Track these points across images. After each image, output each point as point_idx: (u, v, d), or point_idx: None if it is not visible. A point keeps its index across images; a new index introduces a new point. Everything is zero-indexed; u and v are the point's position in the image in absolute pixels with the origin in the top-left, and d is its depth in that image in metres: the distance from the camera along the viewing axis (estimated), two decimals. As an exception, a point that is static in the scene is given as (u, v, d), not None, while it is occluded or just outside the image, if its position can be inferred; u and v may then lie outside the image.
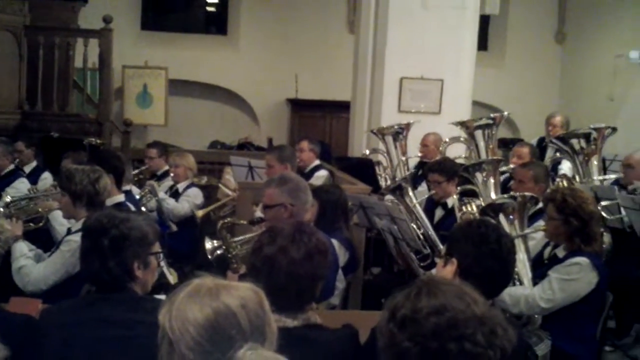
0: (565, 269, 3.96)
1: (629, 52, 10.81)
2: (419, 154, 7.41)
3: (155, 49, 12.34)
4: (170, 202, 6.69)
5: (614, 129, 6.48)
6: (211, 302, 1.72)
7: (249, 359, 1.53)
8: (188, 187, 6.92)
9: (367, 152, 8.10)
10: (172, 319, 1.70)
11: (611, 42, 11.78)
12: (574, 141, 6.36)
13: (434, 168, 5.76)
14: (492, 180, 5.25)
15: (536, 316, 3.99)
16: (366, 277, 6.06)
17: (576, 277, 3.91)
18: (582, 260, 3.94)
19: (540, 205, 4.93)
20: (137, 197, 6.38)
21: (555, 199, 4.12)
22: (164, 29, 13.10)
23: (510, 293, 3.94)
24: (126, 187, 5.32)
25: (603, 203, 5.37)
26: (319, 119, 12.75)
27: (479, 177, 5.00)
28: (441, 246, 4.77)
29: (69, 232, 4.10)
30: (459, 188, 5.48)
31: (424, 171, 6.65)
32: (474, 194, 5.54)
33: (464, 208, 4.99)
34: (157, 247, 2.74)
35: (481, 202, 5.13)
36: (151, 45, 12.50)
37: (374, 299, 5.14)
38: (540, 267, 4.22)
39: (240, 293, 1.76)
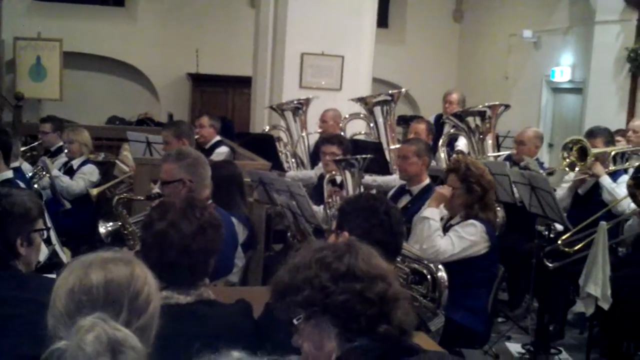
0: (462, 229, 4.15)
1: (522, 32, 11.13)
2: (319, 130, 7.43)
3: (48, 20, 11.89)
4: (64, 180, 6.49)
5: (507, 106, 6.67)
6: (79, 273, 1.71)
7: (89, 324, 1.50)
8: (83, 163, 6.73)
9: (267, 128, 8.08)
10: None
11: (506, 21, 12.11)
12: (470, 119, 6.51)
13: (333, 140, 5.79)
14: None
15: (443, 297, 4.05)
16: (267, 253, 6.04)
17: (472, 237, 4.11)
18: (477, 223, 4.14)
19: (426, 182, 5.08)
20: (30, 174, 6.16)
21: (458, 169, 4.28)
22: (58, -1, 12.64)
23: (430, 233, 4.12)
24: (15, 164, 5.13)
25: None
26: (221, 94, 12.61)
27: (348, 173, 5.07)
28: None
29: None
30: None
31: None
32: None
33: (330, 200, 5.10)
34: (41, 224, 2.65)
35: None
36: (44, 16, 12.03)
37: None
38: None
39: (112, 268, 1.73)
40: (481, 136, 6.48)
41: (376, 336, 1.81)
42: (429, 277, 3.73)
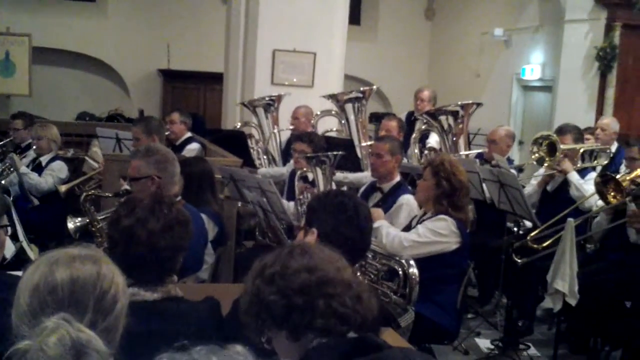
0: (432, 222, 4.17)
1: (493, 30, 11.21)
2: (290, 127, 7.41)
3: (17, 15, 11.74)
4: (33, 177, 6.42)
5: (479, 105, 6.70)
6: (45, 270, 1.67)
7: (52, 325, 1.47)
8: (52, 160, 6.67)
9: (239, 125, 8.05)
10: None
11: (477, 19, 12.19)
12: (442, 118, 6.53)
13: (303, 138, 5.78)
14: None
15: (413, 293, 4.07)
16: (238, 250, 6.03)
17: (441, 231, 4.13)
18: (448, 218, 4.17)
19: (397, 180, 5.11)
20: (-3, 170, 6.10)
21: (434, 162, 4.35)
22: (28, -7, 12.47)
23: (387, 231, 4.15)
24: (-19, 160, 5.06)
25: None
26: (192, 91, 12.55)
27: (319, 170, 5.08)
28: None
29: None
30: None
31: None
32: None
33: (301, 196, 5.11)
34: (5, 220, 2.61)
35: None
36: (13, 11, 11.86)
37: (246, 273, 5.09)
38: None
39: (79, 266, 1.69)
40: (454, 138, 6.51)
41: (320, 332, 1.81)
42: (400, 273, 3.75)
